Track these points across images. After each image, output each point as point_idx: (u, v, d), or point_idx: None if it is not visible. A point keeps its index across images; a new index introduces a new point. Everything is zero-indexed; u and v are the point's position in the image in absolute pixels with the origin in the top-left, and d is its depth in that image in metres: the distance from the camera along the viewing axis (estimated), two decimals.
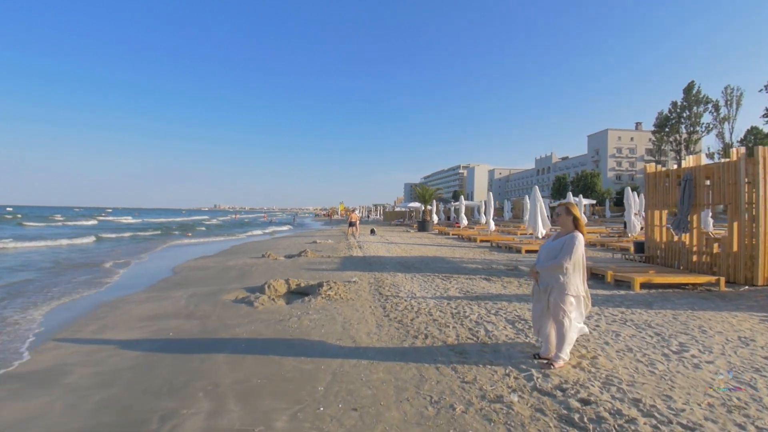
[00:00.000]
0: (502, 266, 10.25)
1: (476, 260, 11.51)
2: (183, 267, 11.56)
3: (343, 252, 13.84)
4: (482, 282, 7.95)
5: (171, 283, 8.98)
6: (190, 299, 6.99)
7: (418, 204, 36.32)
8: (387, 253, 13.51)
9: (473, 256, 12.74)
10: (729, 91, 55.46)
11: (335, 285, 7.18)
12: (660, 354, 3.97)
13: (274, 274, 9.33)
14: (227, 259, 12.66)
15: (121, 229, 33.93)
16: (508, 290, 7.19)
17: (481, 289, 7.26)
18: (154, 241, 22.49)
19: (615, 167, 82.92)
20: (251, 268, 10.41)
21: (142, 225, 42.77)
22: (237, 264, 11.40)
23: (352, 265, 10.52)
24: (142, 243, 21.05)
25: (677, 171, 10.05)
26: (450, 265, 10.48)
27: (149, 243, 20.97)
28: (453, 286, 7.55)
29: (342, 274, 9.12)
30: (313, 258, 12.24)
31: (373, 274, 8.94)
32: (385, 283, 7.85)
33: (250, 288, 7.70)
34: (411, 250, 14.24)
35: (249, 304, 6.33)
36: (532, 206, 15.42)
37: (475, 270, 9.61)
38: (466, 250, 14.49)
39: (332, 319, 5.31)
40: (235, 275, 9.51)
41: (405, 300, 6.34)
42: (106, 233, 27.66)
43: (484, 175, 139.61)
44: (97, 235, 23.47)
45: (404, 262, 11.09)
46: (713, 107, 55.26)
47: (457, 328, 4.81)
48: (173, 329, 5.22)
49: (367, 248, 15.01)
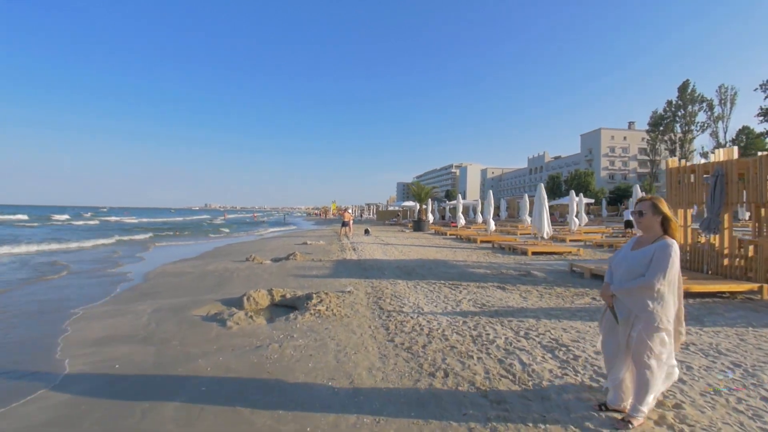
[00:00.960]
0: (512, 271, 9.23)
1: (482, 264, 10.48)
2: (157, 272, 10.36)
3: (336, 255, 12.73)
4: (497, 291, 6.91)
5: (138, 292, 7.80)
6: (154, 315, 5.85)
7: (413, 203, 35.31)
8: (384, 255, 12.43)
9: (477, 258, 11.72)
10: (723, 90, 55.35)
11: (327, 297, 6.08)
12: (758, 398, 2.96)
13: (257, 282, 8.20)
14: (208, 263, 11.47)
15: (106, 230, 32.40)
16: (529, 302, 6.15)
17: (497, 300, 6.22)
18: (132, 243, 21.12)
19: (608, 166, 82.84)
20: (232, 274, 9.26)
21: (129, 226, 41.07)
22: (217, 269, 10.23)
23: (346, 271, 9.42)
24: (124, 246, 19.69)
25: (705, 166, 9.12)
26: (455, 270, 9.44)
27: (128, 246, 19.60)
28: (464, 296, 6.49)
29: (335, 281, 8.02)
30: (303, 262, 11.11)
31: (371, 282, 7.86)
32: (385, 293, 6.76)
33: (227, 300, 6.57)
34: (409, 252, 13.18)
35: (221, 322, 5.20)
36: (538, 205, 14.47)
37: (484, 276, 8.57)
38: (468, 252, 13.48)
39: (323, 346, 4.21)
40: (212, 283, 8.36)
41: (411, 317, 5.26)
42: (90, 233, 26.19)
43: (477, 174, 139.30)
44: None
45: (404, 266, 10.02)
46: (707, 106, 55.13)
47: (484, 360, 3.75)
48: (122, 359, 4.09)
49: (362, 250, 13.92)
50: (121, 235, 23.46)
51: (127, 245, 18.73)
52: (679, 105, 56.70)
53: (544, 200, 14.43)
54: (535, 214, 14.64)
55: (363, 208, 69.96)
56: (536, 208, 14.57)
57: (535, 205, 14.66)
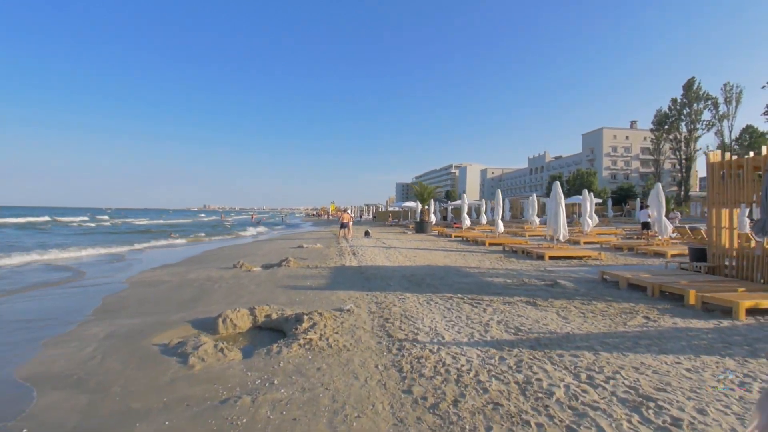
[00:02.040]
0: (535, 280, 8.05)
1: (498, 271, 9.29)
2: (131, 281, 9.17)
3: (334, 260, 11.52)
4: (528, 309, 5.71)
5: (99, 308, 6.60)
6: (104, 343, 4.65)
7: (414, 203, 34.12)
8: (387, 261, 11.23)
9: (491, 264, 10.52)
10: (728, 88, 54.23)
11: (321, 318, 4.89)
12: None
13: (241, 295, 7.00)
14: (190, 270, 10.27)
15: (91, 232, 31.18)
16: (572, 324, 4.96)
17: (533, 323, 5.02)
18: (120, 244, 19.87)
19: (610, 166, 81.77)
20: (214, 285, 8.06)
21: (116, 228, 39.82)
22: (199, 278, 9.02)
23: (345, 281, 8.22)
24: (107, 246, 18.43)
25: (755, 160, 7.97)
26: (470, 279, 8.25)
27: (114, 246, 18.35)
28: (491, 317, 5.29)
29: (331, 295, 6.82)
30: (297, 269, 9.91)
31: (374, 296, 6.65)
32: (392, 312, 5.56)
33: (200, 321, 5.38)
34: (415, 257, 11.98)
35: (183, 358, 4.00)
36: (554, 205, 13.29)
37: (505, 287, 7.38)
38: (479, 257, 12.29)
39: (312, 402, 3.01)
40: (188, 296, 7.16)
41: (430, 349, 4.06)
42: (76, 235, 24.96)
43: (477, 174, 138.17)
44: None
45: (411, 274, 8.82)
46: (712, 105, 54.03)
47: (547, 430, 2.56)
48: (34, 418, 2.91)
49: (363, 255, 12.71)
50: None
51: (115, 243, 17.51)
52: (685, 103, 55.58)
53: (561, 199, 13.26)
54: (550, 214, 13.47)
55: (362, 209, 68.77)
56: (551, 208, 13.40)
57: (550, 205, 13.49)
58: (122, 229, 36.06)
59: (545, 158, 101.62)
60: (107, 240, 21.98)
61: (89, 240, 22.24)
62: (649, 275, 7.81)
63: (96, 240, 22.07)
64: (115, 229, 34.84)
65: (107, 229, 36.15)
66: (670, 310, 5.83)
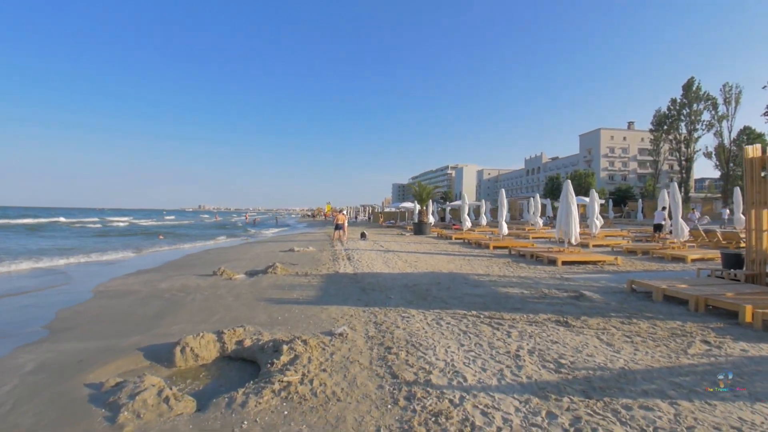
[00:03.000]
0: (556, 291, 7.03)
1: (511, 280, 8.27)
2: (98, 290, 8.07)
3: (327, 266, 10.44)
4: (561, 331, 4.68)
5: (48, 325, 5.52)
6: (27, 379, 3.59)
7: (411, 204, 33.09)
8: (386, 267, 10.16)
9: (501, 271, 9.50)
10: (727, 88, 53.65)
11: (305, 349, 3.84)
12: None
13: (214, 311, 5.93)
14: (166, 277, 9.17)
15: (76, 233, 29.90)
16: (622, 353, 3.94)
17: (574, 352, 3.99)
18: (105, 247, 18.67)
19: (608, 167, 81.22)
20: (187, 297, 6.97)
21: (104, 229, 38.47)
22: (173, 287, 7.93)
23: (338, 292, 7.16)
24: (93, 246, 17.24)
25: None
26: (482, 289, 7.20)
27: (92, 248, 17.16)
28: (519, 343, 4.25)
29: (321, 311, 5.76)
30: (284, 276, 8.83)
31: (372, 313, 5.59)
32: (396, 337, 4.49)
33: (155, 348, 4.31)
34: (416, 263, 10.91)
35: (113, 411, 2.93)
36: (565, 206, 12.31)
37: (524, 300, 6.35)
38: (485, 262, 11.27)
39: None
40: (153, 311, 6.08)
41: (449, 399, 3.00)
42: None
43: (473, 175, 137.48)
44: None
45: (413, 283, 7.76)
46: (711, 105, 53.43)
47: None
48: None
49: (359, 259, 11.64)
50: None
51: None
52: (684, 103, 54.98)
53: (573, 200, 12.29)
54: (561, 215, 12.47)
55: (358, 210, 67.61)
56: (563, 208, 12.41)
57: (561, 206, 12.50)
58: (133, 230, 35.37)
59: (542, 159, 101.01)
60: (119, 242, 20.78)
61: (99, 242, 21.01)
62: (685, 285, 6.81)
63: (105, 243, 20.85)
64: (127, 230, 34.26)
65: (124, 230, 35.42)
66: (726, 330, 4.84)
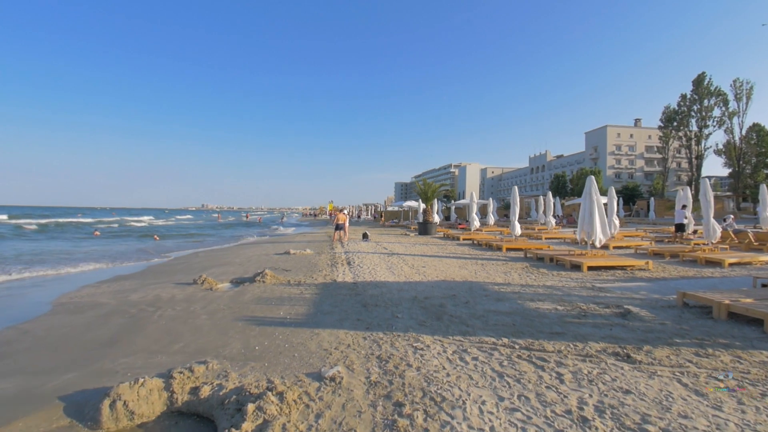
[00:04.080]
0: (594, 306, 5.85)
1: (537, 290, 7.08)
2: (59, 302, 6.97)
3: (324, 272, 9.28)
4: (626, 370, 3.49)
5: None
6: None
7: (415, 203, 31.89)
8: (390, 274, 8.98)
9: (521, 278, 8.32)
10: (738, 84, 52.13)
11: (280, 409, 2.69)
12: None
13: (178, 336, 4.78)
14: (141, 286, 8.05)
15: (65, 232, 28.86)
16: (723, 409, 2.76)
17: (659, 410, 2.81)
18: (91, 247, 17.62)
19: (614, 165, 79.73)
20: (154, 314, 5.83)
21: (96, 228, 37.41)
22: (143, 299, 6.80)
23: (333, 309, 5.98)
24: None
25: None
26: (507, 304, 6.02)
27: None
28: (578, 393, 3.06)
29: (311, 338, 4.60)
30: (273, 286, 7.67)
31: (375, 341, 4.42)
32: (408, 385, 3.28)
33: (83, 397, 3.17)
34: (424, 268, 9.73)
35: None
36: (588, 204, 11.12)
37: (562, 320, 5.18)
38: (501, 267, 10.09)
39: None
40: (108, 335, 4.95)
41: None
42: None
43: (476, 174, 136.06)
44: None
45: (425, 297, 6.58)
46: (722, 102, 51.91)
47: None
48: None
49: (360, 264, 10.47)
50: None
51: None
52: (695, 99, 53.49)
53: (597, 197, 11.11)
54: (584, 215, 11.28)
55: (360, 209, 66.43)
56: (586, 206, 11.21)
57: (584, 204, 11.30)
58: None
59: (546, 157, 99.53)
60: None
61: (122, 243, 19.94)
62: (751, 300, 5.63)
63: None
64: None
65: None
66: None
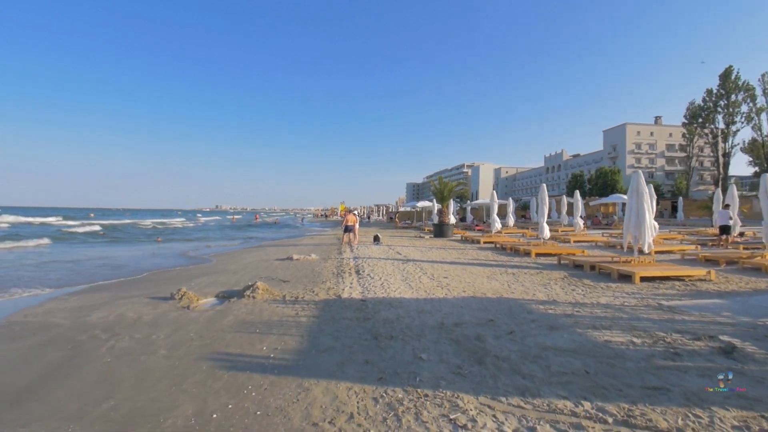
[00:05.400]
0: (681, 337, 4.32)
1: (594, 311, 5.56)
2: (9, 320, 5.73)
3: (327, 284, 7.86)
4: None
5: None
6: None
7: (429, 203, 30.41)
8: (407, 287, 7.50)
9: (567, 294, 6.78)
10: (766, 79, 49.30)
11: None
12: None
13: (114, 387, 3.39)
14: (109, 300, 6.77)
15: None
16: None
17: None
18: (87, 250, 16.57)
19: (634, 164, 76.90)
20: (103, 345, 4.50)
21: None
22: (104, 321, 5.50)
23: (333, 344, 4.51)
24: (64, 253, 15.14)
25: None
26: (566, 336, 4.52)
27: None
28: None
29: (296, 399, 3.15)
30: (263, 303, 6.28)
31: (390, 405, 2.95)
32: None
33: None
34: (447, 279, 8.24)
35: None
36: (635, 203, 9.53)
37: (650, 362, 3.67)
38: (537, 276, 8.56)
39: None
40: (30, 378, 3.62)
41: None
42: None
43: (490, 174, 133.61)
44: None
45: (454, 323, 5.09)
46: (750, 97, 49.07)
47: None
48: None
49: (370, 274, 9.04)
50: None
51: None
52: (721, 94, 50.78)
53: (645, 195, 9.51)
54: (630, 216, 9.68)
55: (371, 210, 65.09)
56: (632, 206, 9.62)
57: (630, 205, 9.71)
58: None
59: (563, 156, 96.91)
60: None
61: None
62: None
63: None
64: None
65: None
66: None
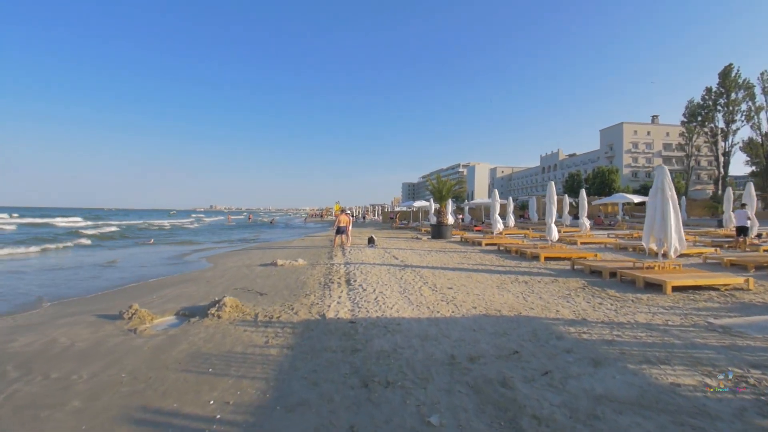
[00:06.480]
0: (757, 372, 3.28)
1: (638, 335, 4.50)
2: None
3: (311, 299, 6.71)
4: None
5: None
6: None
7: (425, 202, 29.38)
8: (406, 303, 6.38)
9: (596, 310, 5.72)
10: (766, 77, 48.75)
11: None
12: None
13: None
14: (50, 319, 5.63)
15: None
16: None
17: None
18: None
19: (631, 163, 76.49)
20: (7, 389, 3.37)
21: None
22: (28, 348, 4.36)
23: (308, 395, 3.35)
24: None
25: None
26: (619, 377, 3.45)
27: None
28: None
29: None
30: (228, 326, 5.15)
31: None
32: None
33: None
34: (452, 291, 7.13)
35: None
36: (659, 203, 8.50)
37: (743, 420, 2.62)
38: (553, 286, 7.51)
39: None
40: None
41: None
42: None
43: (486, 173, 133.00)
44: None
45: (470, 360, 3.97)
46: (749, 96, 48.52)
47: None
48: None
49: (363, 284, 7.91)
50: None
51: None
52: (721, 92, 50.18)
53: (670, 194, 8.48)
54: (654, 216, 8.65)
55: (366, 209, 63.98)
56: (656, 206, 8.60)
57: (652, 204, 8.68)
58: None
59: (558, 156, 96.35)
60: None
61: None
62: None
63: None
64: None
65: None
66: None
